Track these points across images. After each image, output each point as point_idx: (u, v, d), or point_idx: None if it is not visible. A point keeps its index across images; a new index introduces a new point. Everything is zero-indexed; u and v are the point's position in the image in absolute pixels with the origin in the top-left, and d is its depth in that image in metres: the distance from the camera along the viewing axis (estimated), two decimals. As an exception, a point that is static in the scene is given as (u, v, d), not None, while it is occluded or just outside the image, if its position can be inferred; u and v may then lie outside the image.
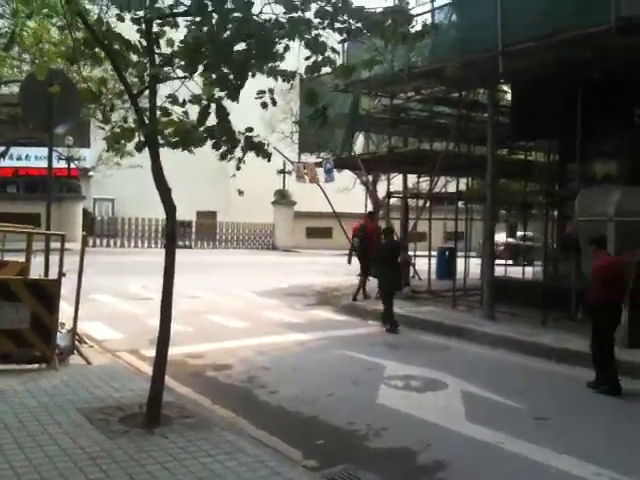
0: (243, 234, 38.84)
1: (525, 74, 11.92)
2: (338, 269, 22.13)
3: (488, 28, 10.71)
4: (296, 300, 14.93)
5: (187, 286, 14.15)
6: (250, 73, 5.26)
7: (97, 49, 5.58)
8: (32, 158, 36.45)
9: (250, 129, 5.62)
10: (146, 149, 5.56)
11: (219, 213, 41.05)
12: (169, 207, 5.53)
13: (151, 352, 7.40)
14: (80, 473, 4.27)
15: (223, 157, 5.66)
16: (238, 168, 5.67)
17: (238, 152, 5.64)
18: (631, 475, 5.02)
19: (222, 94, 5.36)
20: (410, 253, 17.09)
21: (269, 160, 5.82)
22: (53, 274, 7.45)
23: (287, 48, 5.22)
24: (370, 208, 20.88)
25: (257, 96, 5.32)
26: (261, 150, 5.67)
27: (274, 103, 5.52)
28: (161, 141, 5.54)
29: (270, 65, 5.24)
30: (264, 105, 5.45)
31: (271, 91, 5.43)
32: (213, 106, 5.43)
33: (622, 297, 8.07)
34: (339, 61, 5.87)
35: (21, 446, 4.67)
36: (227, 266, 23.79)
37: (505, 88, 15.95)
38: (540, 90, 11.87)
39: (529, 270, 16.65)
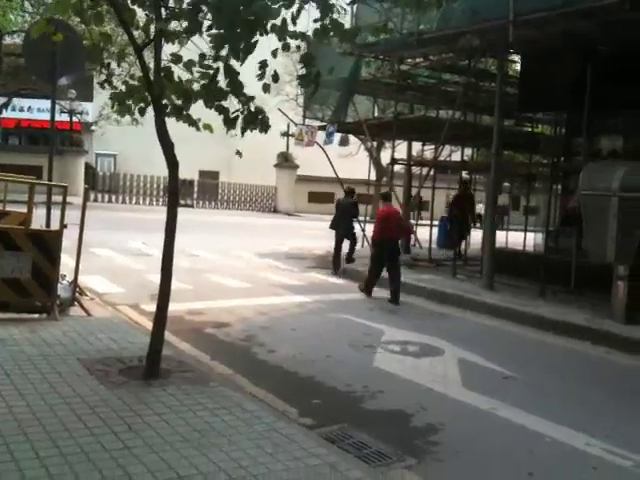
0: (245, 195, 38.76)
1: (535, 45, 11.78)
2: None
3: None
4: (296, 263, 14.97)
5: (188, 244, 14.18)
6: (258, 32, 5.17)
7: (100, 6, 5.50)
8: (35, 110, 36.26)
9: (251, 98, 5.51)
10: (149, 109, 5.51)
11: (221, 173, 40.95)
12: (171, 163, 5.49)
13: (151, 307, 7.44)
14: (79, 421, 4.31)
15: (230, 124, 5.54)
16: (243, 133, 5.59)
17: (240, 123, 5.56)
18: (623, 447, 5.08)
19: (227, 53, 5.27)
20: (412, 221, 17.08)
21: (266, 132, 5.71)
22: (55, 226, 7.46)
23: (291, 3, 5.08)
24: (373, 175, 20.79)
25: (258, 73, 5.20)
26: (260, 123, 5.56)
27: (276, 80, 5.41)
28: (165, 101, 5.47)
29: (278, 25, 5.15)
30: (265, 88, 5.34)
31: (275, 77, 5.32)
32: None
33: (395, 236, 11.30)
34: (347, 23, 5.79)
35: (21, 393, 4.71)
36: (228, 227, 23.80)
37: (514, 58, 15.78)
38: (549, 62, 11.73)
39: (530, 242, 16.65)
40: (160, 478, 3.61)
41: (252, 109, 5.51)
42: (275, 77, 5.41)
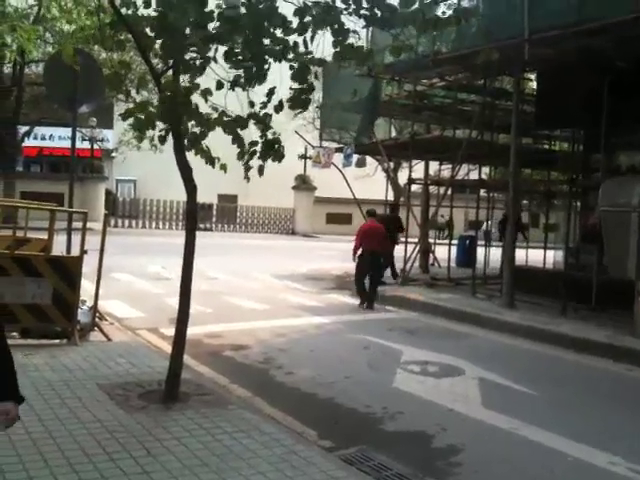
0: (263, 218, 38.91)
1: (550, 62, 11.77)
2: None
3: (514, 15, 10.58)
4: (314, 284, 14.96)
5: (207, 267, 14.25)
6: (275, 60, 5.23)
7: (121, 34, 5.61)
8: (56, 138, 36.81)
9: (269, 127, 5.55)
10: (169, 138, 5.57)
11: (239, 197, 41.17)
12: (190, 186, 5.55)
13: (170, 331, 7.47)
14: (98, 446, 4.33)
15: (244, 157, 5.58)
16: (261, 173, 5.61)
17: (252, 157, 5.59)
18: (647, 465, 4.99)
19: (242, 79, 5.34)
20: (430, 240, 17.04)
21: (280, 162, 5.73)
22: (75, 252, 7.55)
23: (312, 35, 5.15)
24: (391, 195, 20.79)
25: (266, 98, 5.25)
26: (276, 152, 5.60)
27: (278, 111, 5.44)
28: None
29: (296, 52, 5.21)
30: (278, 109, 5.39)
31: (278, 109, 5.39)
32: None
33: (376, 248, 11.83)
34: (362, 45, 5.84)
35: (41, 418, 4.75)
36: (247, 249, 23.89)
37: (530, 76, 15.78)
38: (565, 79, 11.72)
39: (550, 260, 16.52)
40: (179, 502, 3.61)
41: (269, 137, 5.54)
42: (278, 108, 5.40)
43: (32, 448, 4.20)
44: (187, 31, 5.30)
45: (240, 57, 5.27)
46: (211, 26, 5.16)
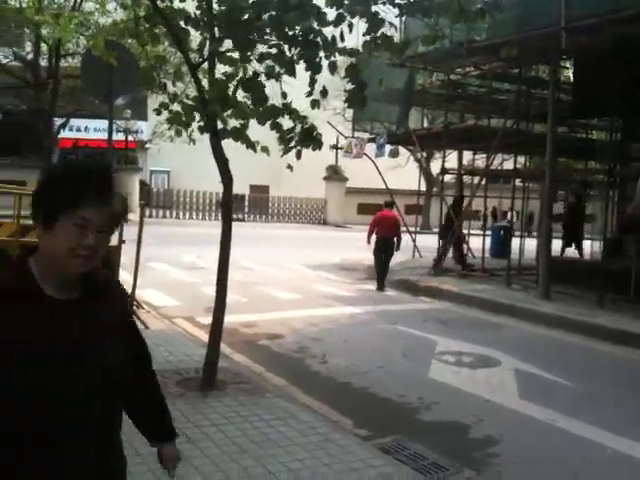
0: (295, 209, 39.00)
1: (587, 50, 11.56)
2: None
3: (550, 3, 10.42)
4: (347, 274, 14.98)
5: (240, 257, 14.32)
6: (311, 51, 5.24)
7: (157, 27, 5.67)
8: (91, 130, 37.27)
9: (305, 117, 5.58)
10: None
11: (271, 187, 41.32)
12: (226, 178, 5.60)
13: (206, 319, 7.56)
14: (136, 432, 4.39)
15: (285, 142, 5.62)
16: (298, 156, 5.65)
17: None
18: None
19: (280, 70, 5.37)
20: (464, 231, 16.91)
21: (320, 149, 5.78)
22: (113, 241, 7.64)
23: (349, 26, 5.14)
24: (423, 185, 20.69)
25: (307, 91, 5.28)
26: (314, 140, 5.63)
27: (324, 95, 5.48)
28: (220, 125, 5.58)
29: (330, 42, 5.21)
30: (314, 104, 5.43)
31: (324, 93, 5.41)
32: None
33: (388, 234, 13.03)
34: (396, 36, 5.83)
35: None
36: (279, 239, 23.99)
37: (566, 64, 15.52)
38: (603, 67, 11.48)
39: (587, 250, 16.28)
40: (219, 488, 3.67)
41: (306, 127, 5.57)
42: (324, 92, 5.47)
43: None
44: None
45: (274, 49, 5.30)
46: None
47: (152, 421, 2.09)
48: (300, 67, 5.35)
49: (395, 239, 13.18)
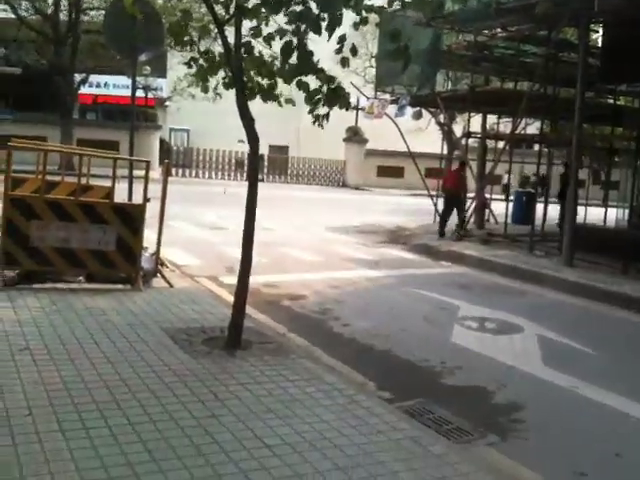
0: (314, 170, 38.85)
1: (618, 14, 11.25)
2: (409, 209, 22.02)
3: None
4: (367, 237, 14.95)
5: (261, 218, 14.23)
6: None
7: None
8: (111, 86, 37.13)
9: (332, 77, 5.49)
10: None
11: (291, 148, 41.14)
12: (252, 138, 5.53)
13: (228, 279, 7.60)
14: (167, 389, 4.45)
15: (313, 102, 5.53)
16: (327, 119, 5.57)
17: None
18: None
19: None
20: (487, 195, 16.77)
21: (347, 109, 5.71)
22: (136, 199, 7.65)
23: None
24: (446, 149, 20.45)
25: (336, 49, 5.17)
26: (342, 99, 5.54)
27: (354, 53, 5.38)
28: (248, 84, 5.50)
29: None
30: (344, 63, 5.33)
31: (354, 51, 5.29)
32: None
33: (453, 187, 14.86)
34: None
35: (110, 361, 4.89)
36: (298, 201, 23.95)
37: (595, 28, 15.10)
38: (633, 31, 11.18)
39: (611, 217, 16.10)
40: (247, 446, 3.69)
41: (332, 87, 5.48)
42: (354, 51, 5.37)
43: (104, 389, 4.33)
44: None
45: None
46: None
47: None
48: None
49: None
